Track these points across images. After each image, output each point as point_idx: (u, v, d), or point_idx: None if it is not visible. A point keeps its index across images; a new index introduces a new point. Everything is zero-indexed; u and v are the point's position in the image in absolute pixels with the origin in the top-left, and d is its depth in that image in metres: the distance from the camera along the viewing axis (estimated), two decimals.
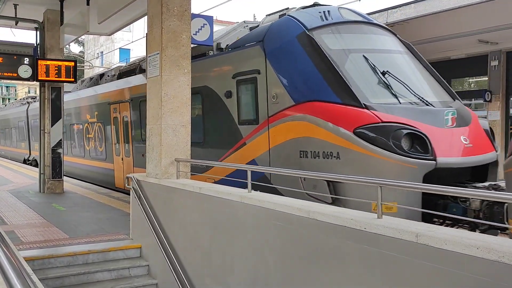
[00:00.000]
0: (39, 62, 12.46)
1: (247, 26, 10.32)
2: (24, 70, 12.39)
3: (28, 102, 26.75)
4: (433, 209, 5.71)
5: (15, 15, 12.79)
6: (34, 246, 7.43)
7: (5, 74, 12.35)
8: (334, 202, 6.64)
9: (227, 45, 9.73)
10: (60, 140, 13.42)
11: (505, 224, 5.38)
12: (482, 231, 6.06)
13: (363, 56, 7.75)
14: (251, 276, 5.43)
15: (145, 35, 8.30)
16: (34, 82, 13.77)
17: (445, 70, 13.00)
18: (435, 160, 6.52)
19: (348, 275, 4.21)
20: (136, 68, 13.47)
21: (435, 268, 3.49)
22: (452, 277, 3.38)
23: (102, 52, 47.72)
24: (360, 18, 8.74)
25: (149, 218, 7.37)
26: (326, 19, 8.25)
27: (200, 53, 10.11)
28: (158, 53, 7.45)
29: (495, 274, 3.14)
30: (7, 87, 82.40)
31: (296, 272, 4.79)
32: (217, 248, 6.07)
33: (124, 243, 7.80)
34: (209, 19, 9.22)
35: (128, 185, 8.01)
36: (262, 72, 8.22)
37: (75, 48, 53.54)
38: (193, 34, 8.71)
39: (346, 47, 7.95)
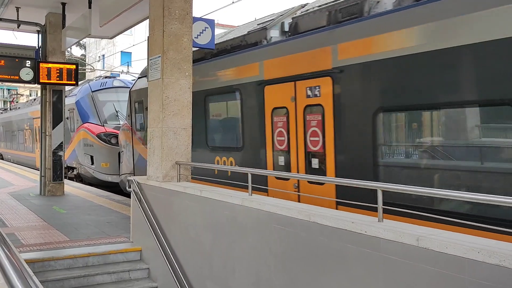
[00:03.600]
0: (41, 65, 12.50)
1: (86, 82, 20.27)
2: (26, 72, 12.43)
3: None
4: None
5: (17, 18, 12.83)
6: (35, 249, 7.43)
7: (7, 76, 12.39)
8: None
9: (70, 91, 19.53)
10: (61, 142, 13.43)
11: None
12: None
13: (113, 104, 17.69)
14: (252, 279, 5.43)
15: (146, 39, 8.32)
16: (36, 85, 13.80)
17: None
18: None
19: (349, 279, 4.21)
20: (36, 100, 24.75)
21: (436, 272, 3.49)
22: (453, 281, 3.38)
23: (103, 55, 47.80)
24: (122, 84, 18.56)
25: (149, 221, 7.36)
26: (102, 86, 18.28)
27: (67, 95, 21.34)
28: (159, 56, 7.47)
29: (496, 278, 3.14)
30: (8, 89, 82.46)
31: (297, 275, 4.78)
32: (218, 251, 6.06)
33: (124, 246, 7.80)
34: (211, 23, 9.22)
35: (129, 187, 8.03)
36: (74, 109, 18.08)
37: (76, 51, 53.62)
38: (195, 38, 8.72)
39: (104, 99, 17.78)
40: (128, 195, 11.11)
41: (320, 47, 6.77)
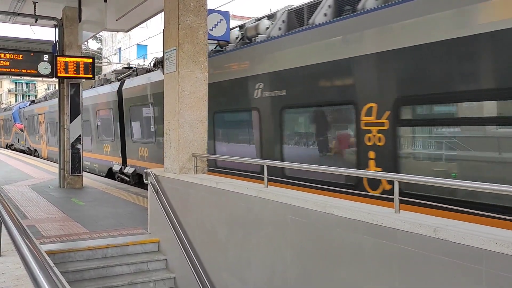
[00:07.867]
0: (58, 59, 12.63)
1: (17, 104, 42.23)
2: (44, 67, 12.57)
3: None
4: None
5: (35, 12, 12.96)
6: (55, 240, 7.57)
7: (25, 71, 12.55)
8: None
9: (12, 106, 41.34)
10: (79, 135, 13.56)
11: None
12: None
13: (27, 114, 32.83)
14: (268, 270, 5.46)
15: (161, 31, 8.35)
16: (53, 79, 13.95)
17: None
18: None
19: (366, 270, 4.21)
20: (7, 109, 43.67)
21: (453, 263, 3.47)
22: (471, 272, 3.36)
23: (119, 49, 48.11)
24: (34, 102, 33.21)
25: (166, 213, 7.44)
26: (24, 105, 35.51)
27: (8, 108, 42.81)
28: (175, 49, 7.49)
29: None
30: (27, 83, 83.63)
31: (313, 267, 4.80)
32: (234, 243, 6.11)
33: (142, 238, 7.90)
34: (225, 15, 9.22)
35: (146, 180, 8.11)
36: (11, 117, 37.22)
37: (93, 45, 54.01)
38: (210, 30, 8.74)
39: (24, 111, 33.86)
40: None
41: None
